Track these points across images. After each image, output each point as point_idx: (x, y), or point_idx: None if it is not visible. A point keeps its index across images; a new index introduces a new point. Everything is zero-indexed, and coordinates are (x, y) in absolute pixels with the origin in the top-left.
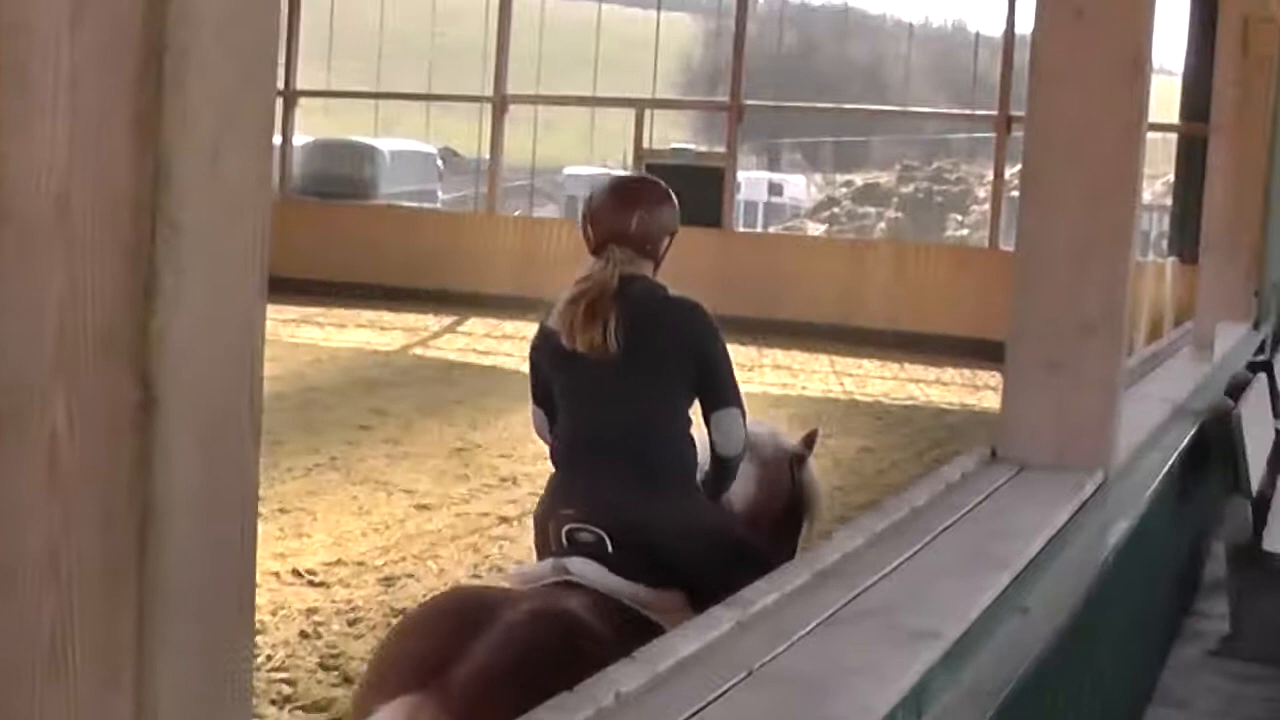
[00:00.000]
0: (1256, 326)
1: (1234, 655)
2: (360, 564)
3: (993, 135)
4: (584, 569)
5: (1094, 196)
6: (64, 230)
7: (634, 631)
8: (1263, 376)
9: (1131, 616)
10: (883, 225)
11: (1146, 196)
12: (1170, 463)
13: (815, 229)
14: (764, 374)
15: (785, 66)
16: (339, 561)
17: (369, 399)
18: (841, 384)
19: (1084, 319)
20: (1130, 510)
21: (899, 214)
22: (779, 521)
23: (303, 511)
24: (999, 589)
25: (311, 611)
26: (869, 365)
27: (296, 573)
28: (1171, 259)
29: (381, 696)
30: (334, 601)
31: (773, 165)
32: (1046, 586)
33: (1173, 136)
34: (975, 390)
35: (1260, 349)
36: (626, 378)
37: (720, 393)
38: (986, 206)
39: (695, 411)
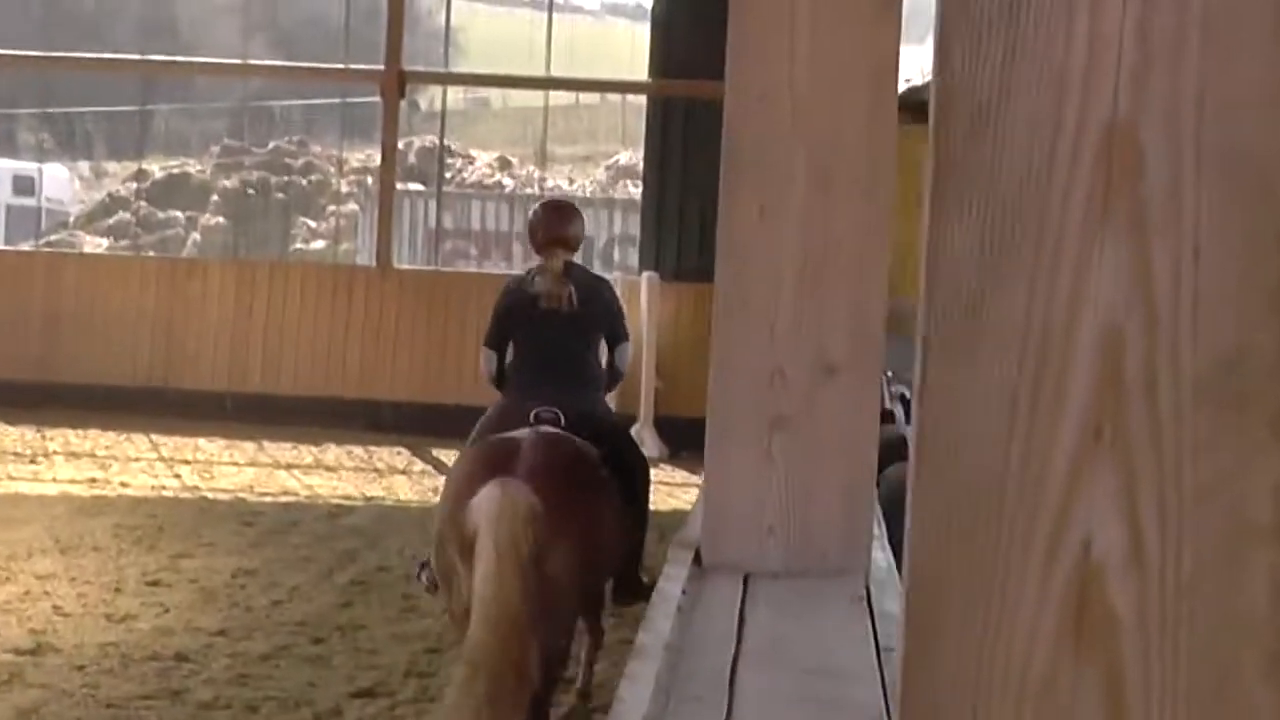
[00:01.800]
0: None
1: None
2: None
3: (374, 100)
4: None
5: (834, 183)
6: None
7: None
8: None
9: None
10: (197, 236)
11: (592, 185)
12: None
13: (95, 244)
14: (56, 466)
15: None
16: None
17: None
18: (178, 475)
19: (822, 356)
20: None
21: (222, 218)
22: None
23: None
24: None
25: None
26: (212, 447)
27: None
28: (647, 275)
29: (469, 491)
30: None
31: (11, 149)
32: None
33: (638, 101)
34: (379, 475)
35: None
36: (573, 324)
37: (621, 333)
38: (353, 206)
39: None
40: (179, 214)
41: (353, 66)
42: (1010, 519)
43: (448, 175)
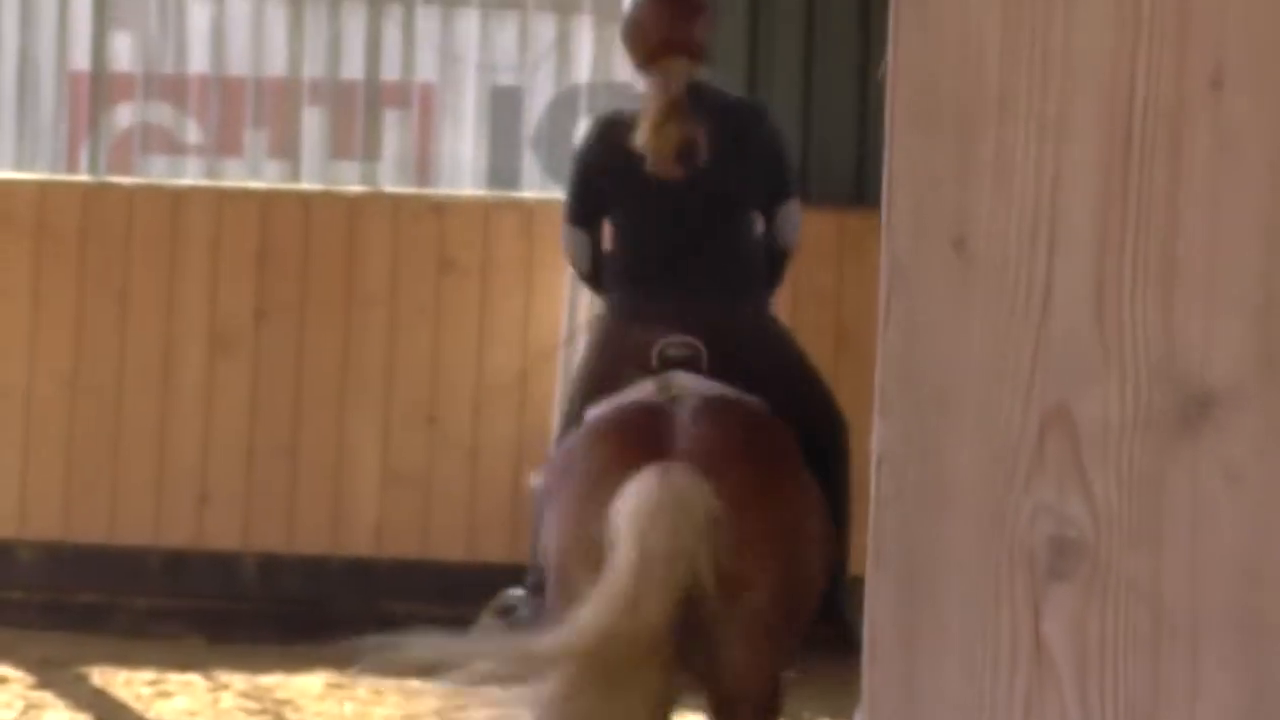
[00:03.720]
0: None
1: None
2: None
3: None
4: (687, 381)
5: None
6: None
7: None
8: None
9: None
10: None
11: None
12: None
13: None
14: None
15: None
16: None
17: None
18: None
19: (1181, 375)
20: None
21: None
22: None
23: None
24: None
25: None
26: None
27: None
28: None
29: (607, 488)
30: None
31: None
32: None
33: None
34: None
35: None
36: (712, 191)
37: (787, 186)
38: None
39: None
40: None
41: None
42: None
43: None
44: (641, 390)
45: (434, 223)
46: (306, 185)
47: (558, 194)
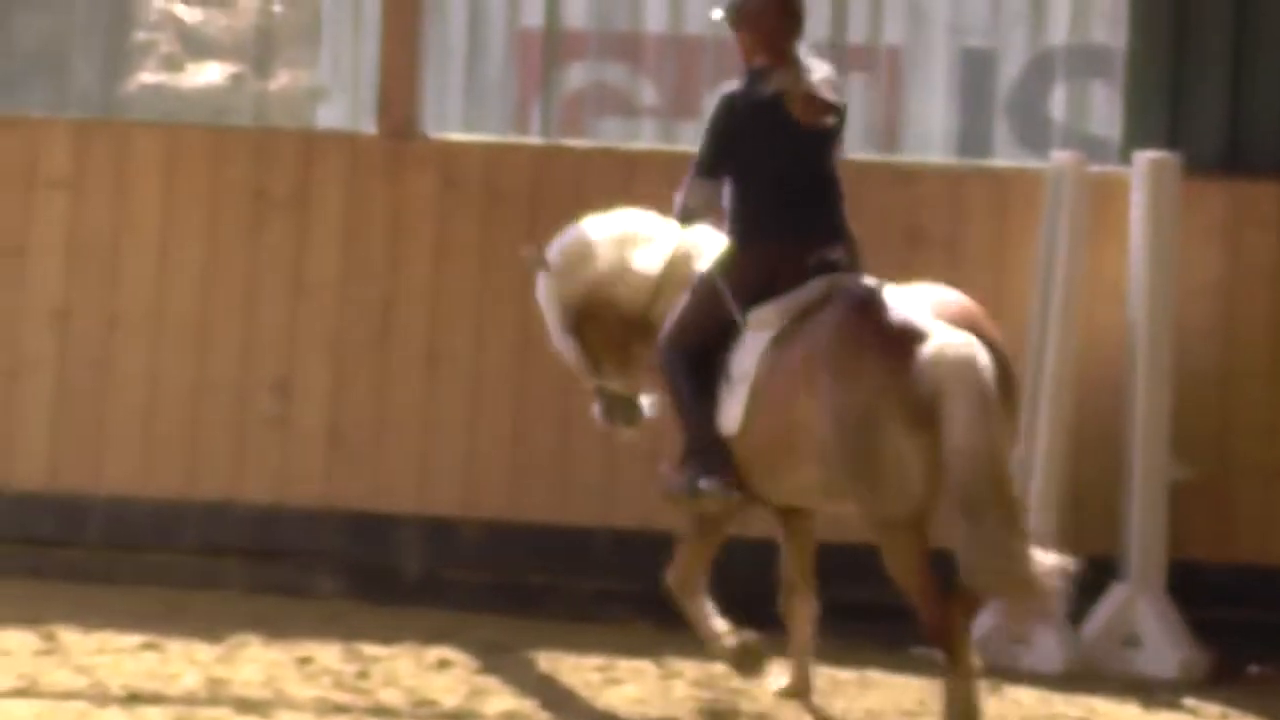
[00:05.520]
0: None
1: None
2: None
3: None
4: (850, 281)
5: None
6: None
7: None
8: None
9: None
10: None
11: None
12: None
13: None
14: None
15: None
16: None
17: None
18: None
19: None
20: None
21: None
22: None
23: None
24: None
25: None
26: None
27: None
28: (1148, 158)
29: (900, 351)
30: None
31: None
32: None
33: None
34: None
35: None
36: (829, 142)
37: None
38: None
39: None
40: None
41: None
42: None
43: None
44: (813, 290)
45: (902, 192)
46: None
47: (1032, 163)
